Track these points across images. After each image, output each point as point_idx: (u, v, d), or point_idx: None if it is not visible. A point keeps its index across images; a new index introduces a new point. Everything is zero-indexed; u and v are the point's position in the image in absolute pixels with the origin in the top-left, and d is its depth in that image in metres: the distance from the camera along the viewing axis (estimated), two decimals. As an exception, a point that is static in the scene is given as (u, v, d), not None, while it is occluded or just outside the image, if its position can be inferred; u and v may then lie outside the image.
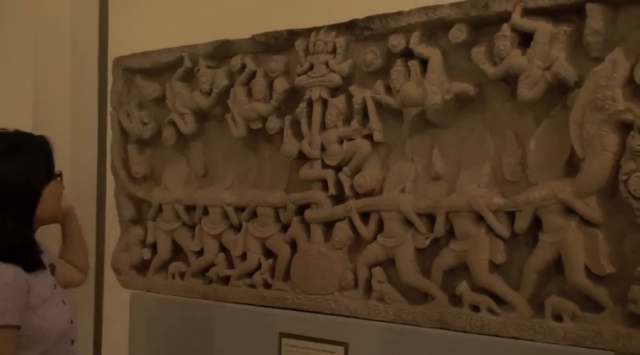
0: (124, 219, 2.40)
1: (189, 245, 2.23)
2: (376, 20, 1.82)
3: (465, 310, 1.68)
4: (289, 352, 1.95)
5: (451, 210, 1.70)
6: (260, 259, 2.07)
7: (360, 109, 1.87)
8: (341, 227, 1.90)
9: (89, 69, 2.83)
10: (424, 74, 1.75)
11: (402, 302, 1.79)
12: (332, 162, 1.91)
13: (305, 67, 1.94)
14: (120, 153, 2.40)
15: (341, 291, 1.89)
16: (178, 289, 2.24)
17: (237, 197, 2.11)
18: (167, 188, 2.30)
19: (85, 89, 2.84)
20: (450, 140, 1.77)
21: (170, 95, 2.24)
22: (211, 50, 2.14)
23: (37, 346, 1.73)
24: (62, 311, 1.80)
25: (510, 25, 1.60)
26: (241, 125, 2.09)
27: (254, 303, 2.06)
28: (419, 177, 1.81)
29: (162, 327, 2.24)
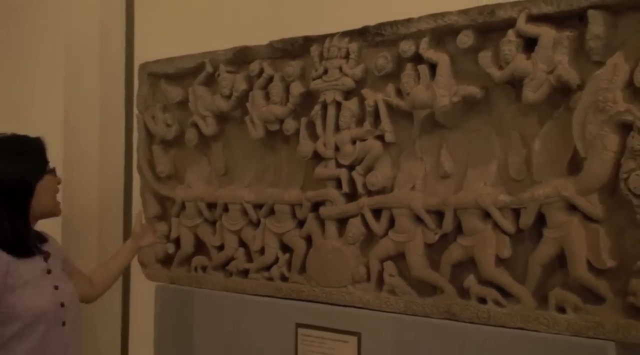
0: (149, 216, 2.41)
1: (210, 240, 2.24)
2: (387, 27, 1.82)
3: (473, 303, 1.68)
4: (305, 342, 1.96)
5: (459, 207, 1.71)
6: (278, 253, 2.08)
7: (372, 111, 1.87)
8: (354, 223, 1.91)
9: (116, 74, 2.84)
10: (432, 77, 1.75)
11: (412, 295, 1.80)
12: (345, 162, 1.92)
13: (320, 71, 1.95)
14: (146, 153, 2.41)
15: (354, 284, 1.90)
16: (200, 281, 2.25)
17: (255, 195, 2.12)
18: (190, 186, 2.31)
19: (113, 93, 2.85)
20: (458, 140, 1.77)
21: (193, 99, 2.26)
22: (231, 56, 2.15)
23: (15, 323, 1.80)
24: (44, 293, 1.85)
25: (516, 31, 1.60)
26: (259, 126, 2.10)
27: (271, 295, 2.07)
28: (428, 175, 1.81)
29: (185, 317, 2.25)
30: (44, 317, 1.84)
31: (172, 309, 2.30)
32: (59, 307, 1.88)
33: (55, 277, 1.91)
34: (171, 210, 2.35)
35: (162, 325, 2.32)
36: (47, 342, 1.86)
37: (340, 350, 1.89)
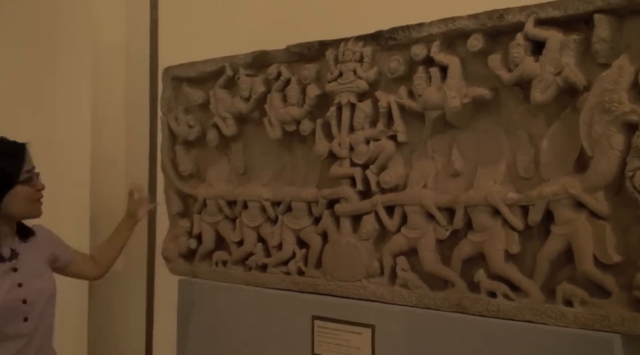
0: (172, 213, 2.43)
1: (230, 236, 2.25)
2: (400, 31, 1.83)
3: (483, 296, 1.68)
4: (321, 333, 1.96)
5: (469, 205, 1.70)
6: (295, 248, 2.08)
7: (385, 113, 1.87)
8: (368, 219, 1.91)
9: (141, 78, 2.86)
10: (443, 79, 1.75)
11: (424, 289, 1.80)
12: (359, 161, 1.92)
13: (335, 74, 1.96)
14: (169, 153, 2.43)
15: (368, 278, 1.90)
16: (221, 275, 2.26)
17: (273, 193, 2.13)
18: (211, 185, 2.32)
19: (137, 96, 2.86)
20: (468, 140, 1.76)
21: (214, 101, 2.27)
22: (250, 60, 2.16)
23: None
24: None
25: (524, 34, 1.59)
26: (277, 127, 2.11)
27: (288, 288, 2.08)
28: (440, 174, 1.81)
29: (207, 309, 2.27)
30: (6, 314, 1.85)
31: (195, 302, 2.31)
32: (20, 303, 1.89)
33: (22, 275, 1.92)
34: (193, 207, 2.36)
35: (185, 317, 2.33)
36: (4, 336, 1.86)
37: (355, 342, 1.89)
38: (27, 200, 1.93)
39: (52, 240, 2.12)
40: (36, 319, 1.93)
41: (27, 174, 1.92)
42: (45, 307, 1.97)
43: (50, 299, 2.00)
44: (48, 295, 1.98)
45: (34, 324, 1.92)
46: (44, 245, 2.06)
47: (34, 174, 1.95)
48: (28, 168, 1.93)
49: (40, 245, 2.04)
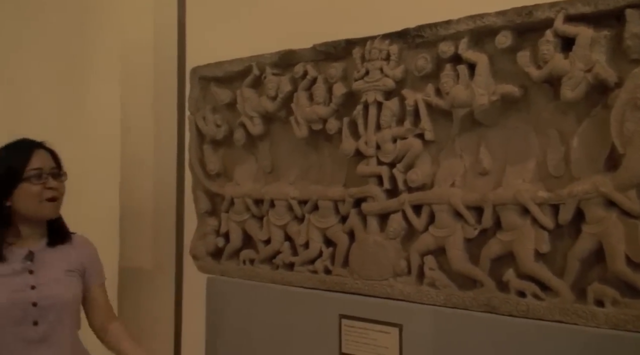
0: (200, 211, 2.46)
1: (257, 235, 2.27)
2: (427, 29, 1.82)
3: (512, 296, 1.67)
4: (348, 332, 1.97)
5: (498, 203, 1.70)
6: (322, 247, 2.09)
7: (412, 111, 1.88)
8: (395, 218, 1.91)
9: (169, 78, 2.90)
10: (471, 77, 1.74)
11: (452, 288, 1.79)
12: (386, 159, 1.92)
13: (361, 72, 1.96)
14: (197, 152, 2.45)
15: (395, 277, 1.91)
16: (248, 273, 2.28)
17: (300, 192, 2.15)
18: (238, 183, 2.34)
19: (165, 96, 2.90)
20: (497, 138, 1.76)
21: (241, 100, 2.29)
22: (277, 59, 2.18)
23: None
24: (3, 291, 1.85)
25: (553, 31, 1.58)
26: (303, 126, 2.13)
27: (315, 287, 2.09)
28: (468, 172, 1.81)
29: (235, 307, 2.30)
30: (13, 316, 1.85)
31: (223, 300, 2.34)
32: (30, 306, 1.88)
33: (37, 278, 1.91)
34: (221, 206, 2.39)
35: (213, 314, 2.36)
36: (6, 337, 1.86)
37: (382, 341, 1.90)
38: (33, 198, 1.92)
39: (90, 255, 2.09)
40: (48, 325, 1.91)
41: (34, 171, 1.91)
42: (62, 315, 1.94)
43: (65, 307, 1.96)
44: (63, 302, 1.95)
45: (44, 329, 1.90)
46: (77, 254, 2.04)
47: (46, 172, 1.94)
48: (36, 166, 1.92)
49: (72, 253, 2.03)
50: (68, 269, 2.00)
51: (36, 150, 1.96)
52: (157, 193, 2.84)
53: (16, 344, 1.88)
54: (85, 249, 2.08)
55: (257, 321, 2.23)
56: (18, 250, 1.94)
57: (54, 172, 1.97)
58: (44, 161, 1.95)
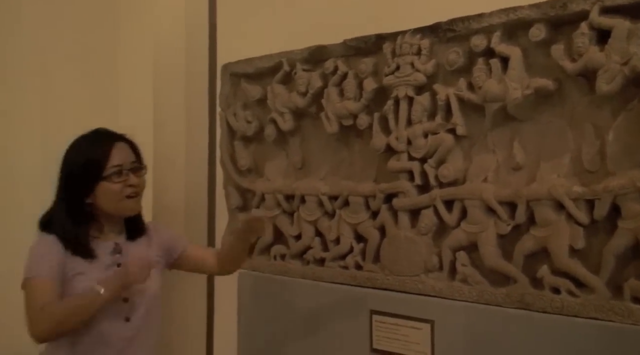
0: (231, 207, 2.48)
1: (288, 230, 2.29)
2: (459, 23, 1.82)
3: (546, 292, 1.66)
4: (379, 328, 1.98)
5: (532, 199, 1.68)
6: (352, 243, 2.10)
7: (443, 105, 1.87)
8: (426, 214, 1.91)
9: (200, 75, 2.91)
10: (504, 71, 1.73)
11: (484, 284, 1.79)
12: (417, 155, 1.92)
13: (392, 67, 1.96)
14: (228, 148, 2.48)
15: (427, 273, 1.91)
16: (279, 269, 2.31)
17: (330, 187, 2.16)
18: (269, 179, 2.36)
19: (197, 92, 2.92)
20: (530, 132, 1.74)
21: (271, 97, 2.31)
22: (307, 55, 2.19)
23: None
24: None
25: (589, 23, 1.56)
26: (334, 122, 2.13)
27: (346, 283, 2.10)
28: (500, 167, 1.79)
29: (266, 302, 2.32)
30: (107, 312, 1.80)
31: (254, 295, 2.37)
32: (120, 301, 1.84)
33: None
34: (252, 201, 2.41)
35: (245, 309, 2.39)
36: (103, 336, 1.82)
37: (414, 337, 1.90)
38: (113, 197, 1.88)
39: (164, 232, 2.10)
40: (139, 321, 1.89)
41: (114, 169, 1.87)
42: (151, 309, 1.92)
43: (154, 300, 1.94)
44: (151, 295, 1.92)
45: (136, 325, 1.88)
46: (154, 241, 2.03)
47: (126, 169, 1.89)
48: (116, 163, 1.87)
49: (150, 243, 2.01)
50: (156, 257, 1.99)
51: (116, 144, 1.90)
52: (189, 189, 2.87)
53: (111, 343, 1.84)
54: (158, 231, 2.09)
55: (288, 316, 2.25)
56: (103, 244, 1.91)
57: (134, 167, 1.92)
58: (124, 156, 1.91)
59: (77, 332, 1.81)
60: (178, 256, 2.10)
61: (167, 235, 2.11)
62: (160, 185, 2.84)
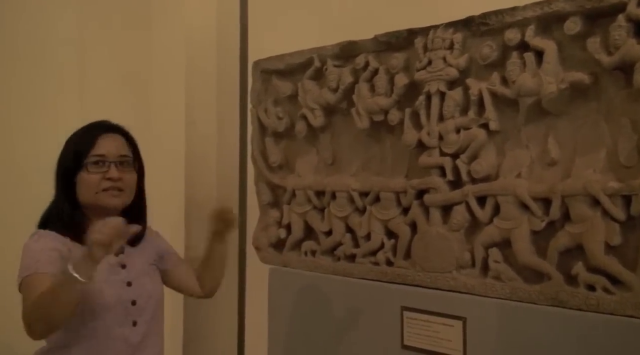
0: (262, 203, 2.50)
1: (319, 226, 2.30)
2: (492, 16, 1.80)
3: (581, 290, 1.64)
4: (410, 325, 1.98)
5: (567, 195, 1.66)
6: (383, 239, 2.10)
7: (476, 100, 1.86)
8: (458, 210, 1.90)
9: (231, 71, 2.95)
10: (539, 65, 1.71)
11: (518, 281, 1.77)
12: (449, 150, 1.91)
13: (424, 62, 1.96)
14: (259, 145, 2.50)
15: (459, 269, 1.90)
16: (310, 265, 2.32)
17: (361, 183, 2.16)
18: (300, 175, 2.38)
19: (228, 89, 2.96)
20: (565, 127, 1.72)
21: (302, 93, 2.32)
22: (338, 51, 2.20)
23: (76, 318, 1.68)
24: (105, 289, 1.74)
25: (626, 15, 1.54)
26: (365, 118, 2.14)
27: (377, 279, 2.10)
28: (535, 163, 1.78)
29: (297, 298, 2.34)
30: (107, 314, 1.75)
31: (285, 290, 2.38)
32: (129, 304, 1.79)
33: (130, 273, 1.83)
34: (283, 197, 2.43)
35: (276, 305, 2.41)
36: (111, 340, 1.76)
37: (446, 334, 1.89)
38: (89, 188, 1.81)
39: (159, 240, 2.07)
40: (145, 325, 1.84)
41: (94, 158, 1.81)
42: (155, 312, 1.89)
43: (159, 303, 1.91)
44: (157, 299, 1.90)
45: (142, 330, 1.83)
46: (150, 245, 1.99)
47: (110, 160, 1.83)
48: (99, 152, 1.82)
49: (147, 246, 1.97)
50: (150, 263, 1.96)
51: (105, 135, 1.85)
52: (221, 185, 2.91)
53: (118, 349, 1.78)
54: (154, 238, 2.06)
55: (318, 312, 2.26)
56: None
57: (121, 160, 1.85)
58: (109, 147, 1.84)
59: (83, 336, 1.74)
60: (166, 269, 2.06)
61: (163, 244, 2.09)
62: (192, 182, 2.89)
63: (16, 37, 3.48)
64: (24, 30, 3.49)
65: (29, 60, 3.49)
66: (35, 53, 3.49)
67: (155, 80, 3.12)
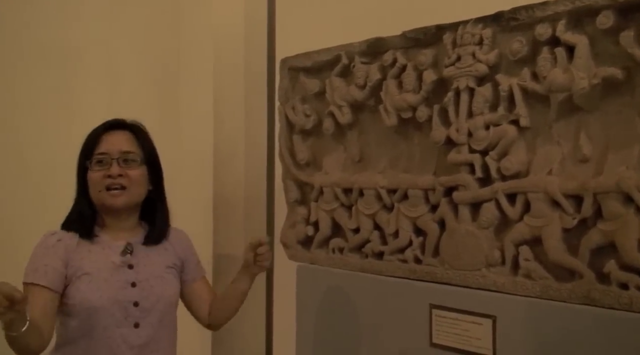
0: (290, 200, 2.51)
1: (346, 224, 2.30)
2: (522, 11, 1.79)
3: (614, 288, 1.62)
4: (439, 323, 1.98)
5: (599, 192, 1.64)
6: (411, 236, 2.10)
7: (506, 96, 1.84)
8: (488, 207, 1.89)
9: (259, 69, 2.97)
10: (570, 60, 1.69)
11: (549, 279, 1.76)
12: (478, 147, 1.90)
13: (452, 58, 1.95)
14: (287, 142, 2.51)
15: (488, 267, 1.89)
16: (338, 262, 2.33)
17: (389, 180, 2.16)
18: (327, 173, 2.38)
19: (256, 87, 2.98)
20: (598, 123, 1.70)
21: (329, 90, 2.33)
22: (365, 48, 2.20)
23: (75, 316, 1.73)
24: (104, 289, 1.73)
25: (661, 8, 1.51)
26: (393, 114, 2.14)
27: (405, 276, 2.10)
28: (566, 159, 1.76)
29: (324, 295, 2.35)
30: (103, 314, 1.73)
31: (312, 288, 2.39)
32: (130, 305, 1.76)
33: (138, 274, 1.80)
34: (310, 195, 2.44)
35: (303, 302, 2.42)
36: (108, 339, 1.74)
37: (475, 332, 1.89)
38: (93, 186, 1.82)
39: (188, 248, 2.02)
40: (150, 328, 1.80)
41: (98, 156, 1.82)
42: (164, 317, 1.84)
43: (169, 307, 1.87)
44: (167, 303, 1.86)
45: (147, 333, 1.79)
46: (174, 249, 1.96)
47: (112, 157, 1.82)
48: (101, 150, 1.82)
49: (169, 248, 1.94)
50: (168, 266, 1.92)
51: (109, 132, 1.85)
52: (249, 183, 2.93)
53: (119, 349, 1.77)
54: (182, 243, 2.02)
55: (346, 310, 2.26)
56: (114, 242, 1.85)
57: (125, 157, 1.85)
58: (112, 145, 1.84)
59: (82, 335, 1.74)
60: (184, 280, 2.01)
61: (188, 251, 2.05)
62: (220, 179, 2.91)
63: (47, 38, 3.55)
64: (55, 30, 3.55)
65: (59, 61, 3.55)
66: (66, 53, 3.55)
67: (184, 79, 3.15)
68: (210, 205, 2.95)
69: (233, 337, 2.98)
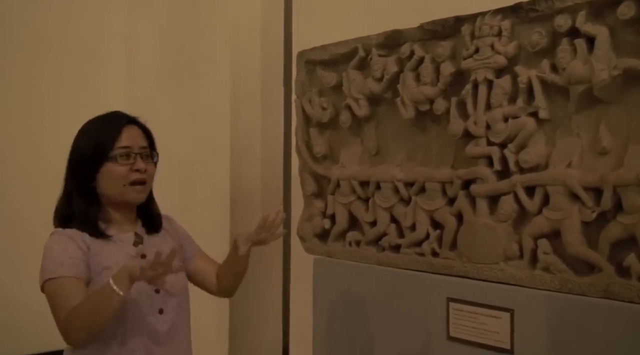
0: (307, 193, 2.52)
1: (363, 217, 2.31)
2: (542, 2, 1.77)
3: (633, 282, 1.61)
4: (457, 316, 1.98)
5: (619, 184, 1.63)
6: (429, 229, 2.10)
7: (525, 88, 1.83)
8: (506, 200, 1.88)
9: (276, 62, 2.98)
10: (590, 51, 1.68)
11: (567, 273, 1.75)
12: (497, 140, 1.89)
13: (471, 50, 1.94)
14: (304, 135, 2.52)
15: (506, 261, 1.88)
16: (354, 255, 2.33)
17: (406, 174, 2.16)
18: (344, 166, 2.39)
19: (272, 80, 2.99)
20: (618, 115, 1.68)
21: (346, 83, 2.33)
22: (382, 40, 2.19)
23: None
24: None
25: (684, -2, 1.49)
26: (410, 107, 2.13)
27: (422, 270, 2.10)
28: (585, 152, 1.74)
29: (341, 288, 2.36)
30: (131, 304, 1.75)
31: (329, 281, 2.40)
32: (153, 293, 1.80)
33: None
34: (327, 188, 2.44)
35: (320, 295, 2.43)
36: (138, 329, 1.78)
37: (493, 326, 1.88)
38: (117, 180, 1.80)
39: (180, 230, 2.07)
40: (173, 312, 1.86)
41: (122, 150, 1.80)
42: (182, 301, 1.91)
43: (185, 290, 1.93)
44: (182, 286, 1.92)
45: (170, 318, 1.85)
46: (171, 234, 2.00)
47: (135, 152, 1.83)
48: (125, 144, 1.81)
49: (166, 235, 1.99)
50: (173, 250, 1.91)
51: (129, 126, 1.85)
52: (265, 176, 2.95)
53: (148, 336, 1.81)
54: (173, 226, 2.06)
55: (363, 303, 2.27)
56: (122, 234, 1.87)
57: (144, 152, 1.86)
58: (134, 139, 1.84)
59: (115, 331, 1.76)
60: (185, 259, 2.04)
61: (182, 233, 2.08)
62: (237, 172, 2.93)
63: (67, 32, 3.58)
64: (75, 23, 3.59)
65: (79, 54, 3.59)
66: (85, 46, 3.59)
67: (201, 72, 3.17)
68: (228, 198, 2.97)
69: (250, 329, 3.00)
